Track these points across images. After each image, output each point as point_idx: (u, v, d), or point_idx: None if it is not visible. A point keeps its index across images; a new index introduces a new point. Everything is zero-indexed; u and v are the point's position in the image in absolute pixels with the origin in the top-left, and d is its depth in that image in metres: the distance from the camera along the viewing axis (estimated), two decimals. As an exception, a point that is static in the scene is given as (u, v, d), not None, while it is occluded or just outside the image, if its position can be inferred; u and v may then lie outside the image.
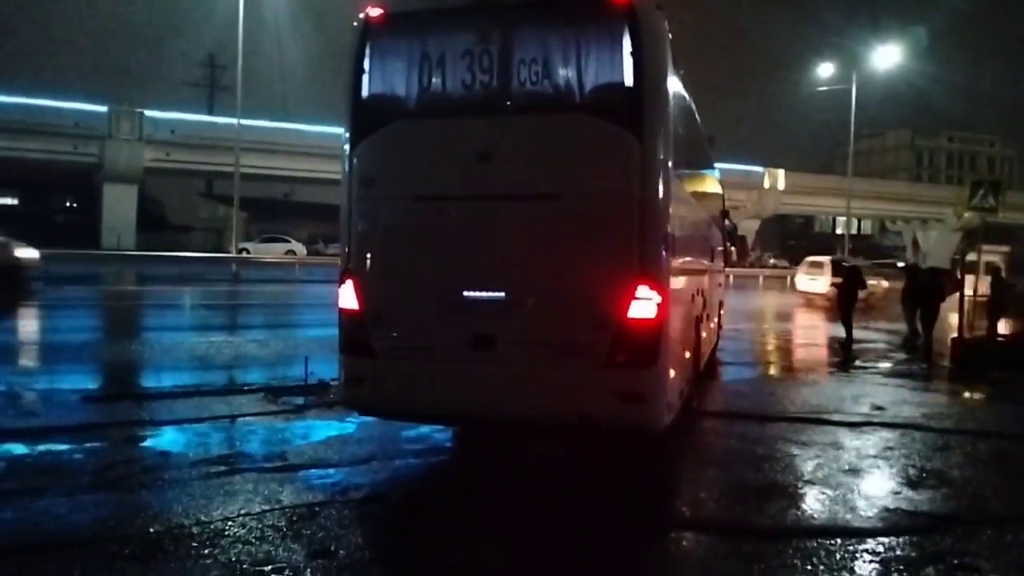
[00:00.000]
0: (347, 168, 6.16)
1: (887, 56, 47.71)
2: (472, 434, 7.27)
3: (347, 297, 6.04)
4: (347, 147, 6.16)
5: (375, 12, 6.00)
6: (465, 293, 5.75)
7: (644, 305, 5.42)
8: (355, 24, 6.09)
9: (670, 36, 5.81)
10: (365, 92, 6.05)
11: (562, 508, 5.22)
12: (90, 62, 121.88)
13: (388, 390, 5.93)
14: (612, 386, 5.44)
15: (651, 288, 5.43)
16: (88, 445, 6.48)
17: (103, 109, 46.80)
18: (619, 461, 6.52)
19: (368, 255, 6.08)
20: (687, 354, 7.20)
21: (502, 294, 5.69)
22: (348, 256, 6.13)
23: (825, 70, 50.66)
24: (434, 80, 5.83)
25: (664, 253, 5.59)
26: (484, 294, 5.73)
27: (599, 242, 5.54)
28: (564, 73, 5.61)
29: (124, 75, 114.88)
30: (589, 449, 6.82)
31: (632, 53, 5.47)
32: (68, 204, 60.99)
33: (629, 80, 5.50)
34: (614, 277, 5.47)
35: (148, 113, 47.86)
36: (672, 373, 5.93)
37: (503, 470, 6.23)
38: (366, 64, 6.02)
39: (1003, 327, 15.44)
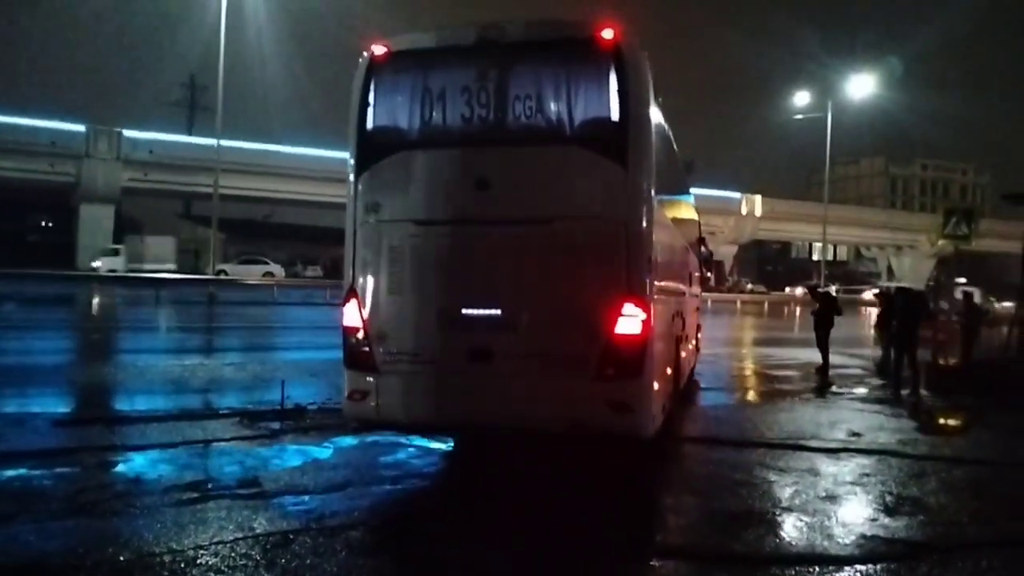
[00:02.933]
0: (352, 194, 6.51)
1: (862, 85, 48.68)
2: (454, 458, 7.24)
3: (351, 315, 6.42)
4: (352, 175, 6.54)
5: (379, 50, 6.45)
6: (464, 310, 6.13)
7: (630, 321, 5.86)
8: (360, 60, 6.50)
9: (651, 74, 6.22)
10: (370, 124, 6.49)
11: (541, 536, 5.17)
12: (68, 80, 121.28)
13: (391, 403, 6.30)
14: (602, 396, 5.85)
15: (636, 306, 5.87)
16: (58, 470, 6.35)
17: (81, 128, 46.49)
18: (598, 487, 6.49)
19: (371, 276, 6.43)
20: (669, 371, 7.57)
21: (498, 311, 6.08)
22: (352, 277, 6.47)
23: (801, 98, 51.60)
24: (435, 113, 6.28)
25: (648, 273, 6.01)
26: (481, 311, 6.12)
27: (588, 263, 5.97)
28: (556, 108, 6.08)
29: (102, 94, 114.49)
30: (568, 475, 6.79)
31: (618, 90, 5.94)
32: (43, 223, 60.30)
33: (615, 115, 5.98)
34: (602, 295, 5.89)
35: (126, 133, 47.61)
36: (656, 386, 6.35)
37: (482, 496, 6.18)
38: (371, 98, 6.46)
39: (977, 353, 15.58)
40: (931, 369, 12.88)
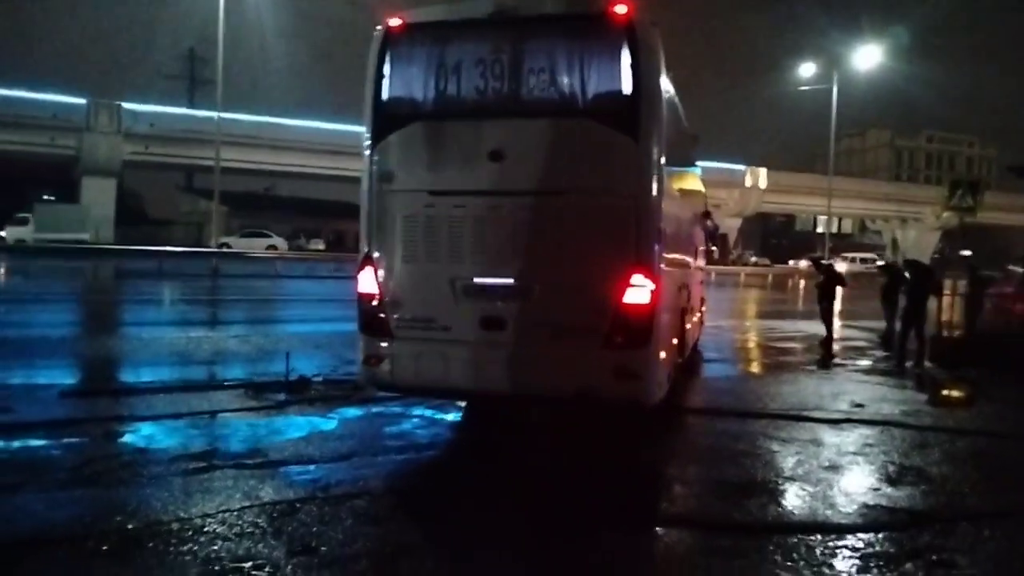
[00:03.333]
0: (368, 164, 6.61)
1: (868, 56, 48.13)
2: (460, 428, 7.27)
3: (367, 282, 6.58)
4: (368, 145, 6.63)
5: (395, 22, 6.52)
6: (476, 279, 6.26)
7: (639, 292, 5.99)
8: (376, 33, 6.56)
9: (663, 48, 6.30)
10: (385, 95, 6.57)
11: (545, 506, 5.21)
12: (69, 53, 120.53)
13: (405, 368, 6.49)
14: (610, 364, 5.99)
15: (645, 276, 6.00)
16: (65, 441, 6.39)
17: (82, 101, 46.26)
18: (603, 457, 6.52)
19: (386, 244, 6.55)
20: (674, 341, 7.69)
21: (510, 281, 6.21)
22: (368, 245, 6.60)
23: (807, 70, 51.07)
24: (449, 85, 6.37)
25: (657, 245, 6.13)
26: (494, 280, 6.25)
27: (598, 234, 6.08)
28: (569, 81, 6.18)
29: (103, 67, 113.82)
30: (573, 445, 6.82)
31: (631, 65, 6.02)
32: (45, 197, 60.16)
33: (627, 89, 6.07)
34: (612, 266, 6.02)
35: (127, 106, 47.35)
36: (662, 355, 6.48)
37: (487, 467, 6.22)
38: (386, 69, 6.54)
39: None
40: (936, 341, 12.85)
